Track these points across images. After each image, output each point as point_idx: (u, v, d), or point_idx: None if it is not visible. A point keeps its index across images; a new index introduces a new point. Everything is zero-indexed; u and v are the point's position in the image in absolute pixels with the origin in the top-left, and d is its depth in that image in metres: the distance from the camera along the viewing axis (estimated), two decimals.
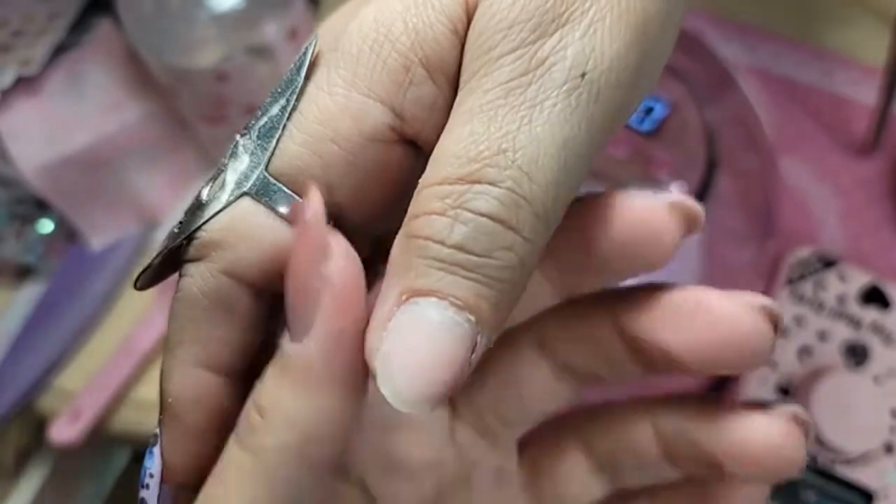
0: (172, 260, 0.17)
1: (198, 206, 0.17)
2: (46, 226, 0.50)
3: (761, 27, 0.52)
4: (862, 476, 0.37)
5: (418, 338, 0.14)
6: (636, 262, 0.18)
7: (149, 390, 0.47)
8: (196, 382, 0.17)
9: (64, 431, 0.45)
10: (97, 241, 0.50)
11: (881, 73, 0.45)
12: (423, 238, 0.14)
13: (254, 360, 0.17)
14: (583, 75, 0.14)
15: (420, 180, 0.15)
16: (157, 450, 0.17)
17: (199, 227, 0.16)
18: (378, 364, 0.14)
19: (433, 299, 0.14)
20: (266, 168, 0.16)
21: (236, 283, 0.16)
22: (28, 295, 0.50)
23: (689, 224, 0.18)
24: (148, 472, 0.17)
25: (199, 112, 0.46)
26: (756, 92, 0.49)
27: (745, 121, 0.42)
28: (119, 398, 0.46)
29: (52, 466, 0.51)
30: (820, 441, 0.37)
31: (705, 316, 0.17)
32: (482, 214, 0.14)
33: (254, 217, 0.16)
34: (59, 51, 0.49)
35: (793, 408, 0.18)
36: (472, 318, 0.14)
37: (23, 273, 0.50)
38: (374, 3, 0.16)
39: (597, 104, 0.15)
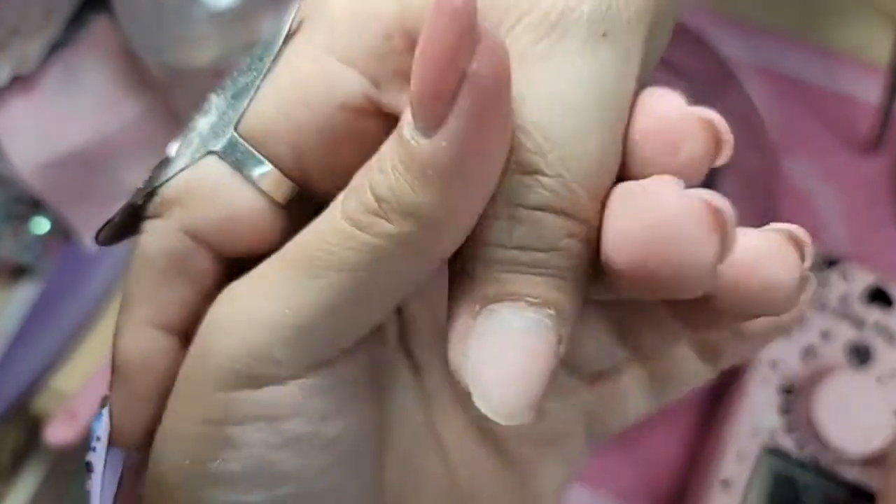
0: (136, 217, 0.17)
1: (164, 163, 0.16)
2: (43, 225, 0.50)
3: (765, 25, 0.52)
4: (865, 477, 0.37)
5: (504, 346, 0.13)
6: (658, 162, 0.14)
7: None
8: (147, 342, 0.16)
9: (60, 432, 0.44)
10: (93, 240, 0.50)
11: (885, 71, 0.45)
12: (481, 244, 0.13)
13: None
14: (604, 35, 0.14)
15: None
16: (105, 412, 0.17)
17: (161, 184, 0.16)
18: (470, 381, 0.13)
19: (507, 302, 0.13)
20: (235, 128, 0.16)
21: (194, 242, 0.16)
22: (24, 295, 0.49)
23: (719, 145, 0.14)
24: (96, 434, 0.17)
25: (197, 110, 0.46)
26: (759, 90, 0.48)
27: (748, 119, 0.42)
28: None
29: (48, 468, 0.51)
30: (823, 442, 0.37)
31: (640, 197, 0.13)
32: (537, 208, 0.13)
33: (217, 177, 0.16)
34: (55, 48, 0.49)
35: (790, 226, 0.15)
36: (553, 311, 0.13)
37: (19, 272, 0.50)
38: None
39: (625, 65, 0.14)
